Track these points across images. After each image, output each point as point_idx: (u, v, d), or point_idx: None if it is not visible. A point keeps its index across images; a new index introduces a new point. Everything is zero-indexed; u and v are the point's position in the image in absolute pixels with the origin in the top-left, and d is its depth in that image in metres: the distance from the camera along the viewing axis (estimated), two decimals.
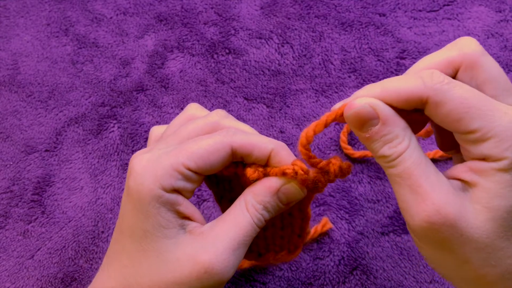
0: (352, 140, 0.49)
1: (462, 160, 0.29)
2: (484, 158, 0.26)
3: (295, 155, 0.32)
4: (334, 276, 0.43)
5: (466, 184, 0.27)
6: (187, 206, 0.30)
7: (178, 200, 0.30)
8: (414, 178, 0.27)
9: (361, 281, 0.43)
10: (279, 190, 0.31)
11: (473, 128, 0.26)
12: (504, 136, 0.26)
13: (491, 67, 0.28)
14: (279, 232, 0.35)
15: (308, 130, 0.30)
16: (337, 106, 0.30)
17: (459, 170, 0.28)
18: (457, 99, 0.26)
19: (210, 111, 0.50)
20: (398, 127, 0.28)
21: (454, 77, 0.29)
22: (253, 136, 0.31)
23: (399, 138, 0.27)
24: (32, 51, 0.57)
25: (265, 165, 0.31)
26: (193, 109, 0.34)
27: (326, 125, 0.30)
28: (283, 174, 0.30)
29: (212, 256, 0.29)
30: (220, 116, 0.32)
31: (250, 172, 0.30)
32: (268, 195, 0.31)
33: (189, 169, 0.29)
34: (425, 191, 0.26)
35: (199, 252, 0.29)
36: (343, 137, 0.48)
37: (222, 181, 0.34)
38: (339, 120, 0.29)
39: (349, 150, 0.48)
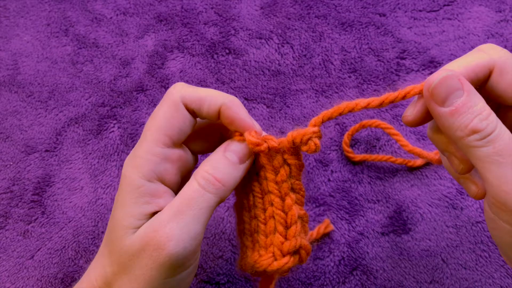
0: (352, 141, 0.49)
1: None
2: None
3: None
4: (334, 276, 0.43)
5: None
6: (166, 199, 0.30)
7: (158, 192, 0.30)
8: (508, 161, 0.24)
9: (361, 281, 0.43)
10: (226, 148, 0.31)
11: None
12: None
13: None
14: (262, 227, 0.31)
15: (367, 102, 0.28)
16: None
17: None
18: None
19: None
20: (481, 99, 0.25)
21: (486, 81, 0.28)
22: (203, 90, 0.30)
23: (487, 110, 0.25)
24: (32, 51, 0.57)
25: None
26: None
27: (381, 105, 0.28)
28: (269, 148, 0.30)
29: (153, 230, 0.28)
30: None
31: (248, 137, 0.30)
32: (215, 155, 0.30)
33: (164, 145, 0.29)
34: None
35: (147, 230, 0.28)
36: (346, 140, 0.48)
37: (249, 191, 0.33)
38: (410, 96, 0.28)
39: (351, 153, 0.48)
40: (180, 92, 0.30)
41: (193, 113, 0.31)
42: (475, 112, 0.25)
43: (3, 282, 0.44)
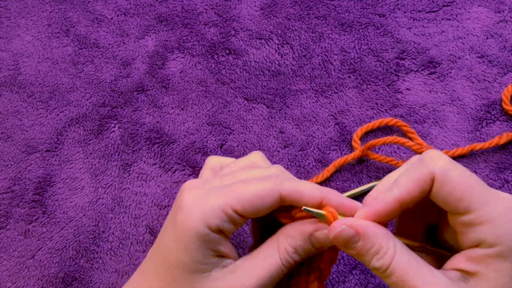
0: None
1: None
2: (479, 244, 0.27)
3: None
4: (334, 275, 0.43)
5: (466, 274, 0.28)
6: (226, 245, 0.31)
7: (220, 240, 0.31)
8: (411, 283, 0.27)
9: (360, 280, 0.43)
10: (312, 234, 0.31)
11: (471, 208, 0.27)
12: (499, 222, 0.27)
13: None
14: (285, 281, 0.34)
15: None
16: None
17: (458, 260, 0.29)
18: (460, 178, 0.27)
19: (210, 111, 0.51)
20: (379, 237, 0.29)
21: (429, 193, 0.30)
22: (302, 184, 0.31)
23: (384, 248, 0.29)
24: (33, 52, 0.57)
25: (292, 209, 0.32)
26: (257, 157, 0.35)
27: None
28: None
29: None
30: (279, 171, 0.33)
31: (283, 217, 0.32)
32: (301, 238, 0.31)
33: (236, 212, 0.30)
34: None
35: (226, 285, 0.30)
36: (359, 133, 0.48)
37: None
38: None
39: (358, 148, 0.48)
40: (282, 185, 0.31)
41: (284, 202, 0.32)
42: (373, 253, 0.29)
43: (4, 282, 0.44)
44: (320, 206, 0.31)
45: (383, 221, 0.30)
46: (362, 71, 0.53)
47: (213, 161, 0.36)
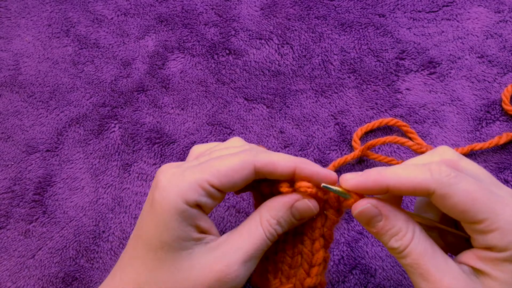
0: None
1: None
2: (489, 248, 0.28)
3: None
4: (334, 275, 0.43)
5: (476, 271, 0.29)
6: (206, 221, 0.32)
7: (199, 215, 0.31)
8: (424, 267, 0.28)
9: (360, 280, 0.43)
10: (293, 205, 0.32)
11: (478, 219, 0.28)
12: (508, 229, 0.27)
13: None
14: (288, 260, 0.35)
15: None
16: (349, 180, 0.31)
17: (467, 257, 0.29)
18: (463, 192, 0.28)
19: (210, 111, 0.51)
20: (400, 220, 0.30)
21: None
22: (275, 155, 0.32)
23: (403, 231, 0.29)
24: (33, 52, 0.57)
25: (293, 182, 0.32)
26: (236, 141, 0.36)
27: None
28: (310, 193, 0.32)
29: (224, 267, 0.30)
30: (254, 146, 0.34)
31: (284, 187, 0.32)
32: (282, 209, 0.32)
33: (213, 186, 0.31)
34: (436, 278, 0.28)
35: (213, 262, 0.31)
36: (359, 133, 0.48)
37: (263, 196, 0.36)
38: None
39: (358, 148, 0.48)
40: (256, 157, 0.32)
41: (260, 174, 0.32)
42: (392, 234, 0.29)
43: (4, 282, 0.45)
44: (294, 175, 0.32)
45: (365, 193, 0.31)
46: (362, 71, 0.53)
47: (198, 150, 0.37)
